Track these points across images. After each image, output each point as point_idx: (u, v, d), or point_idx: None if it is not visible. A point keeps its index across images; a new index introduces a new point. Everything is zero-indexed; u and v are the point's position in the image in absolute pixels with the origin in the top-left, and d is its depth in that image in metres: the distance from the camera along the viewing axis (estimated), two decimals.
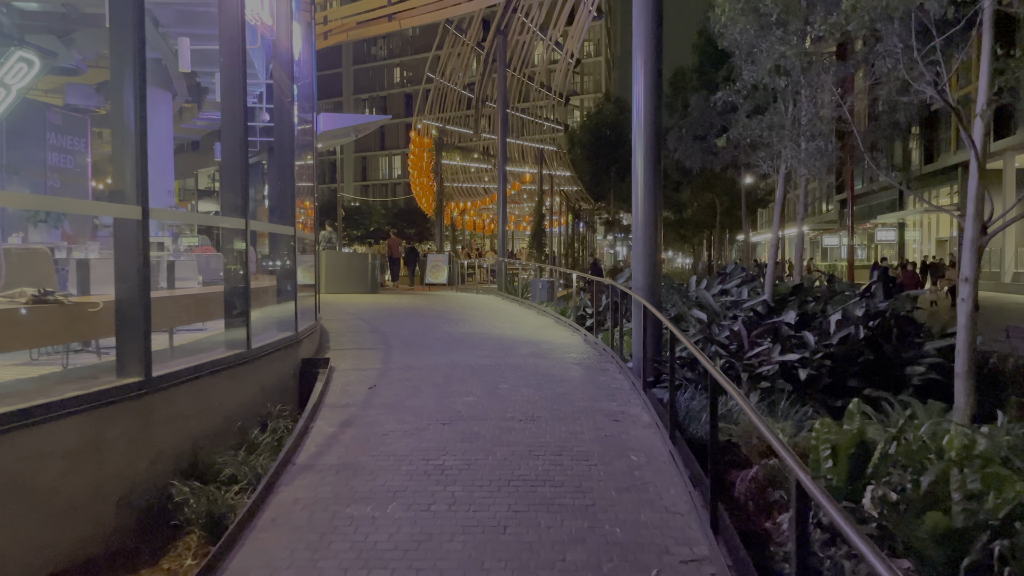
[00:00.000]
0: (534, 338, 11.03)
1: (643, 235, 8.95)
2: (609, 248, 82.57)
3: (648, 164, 8.92)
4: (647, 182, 8.91)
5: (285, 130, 8.00)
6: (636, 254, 9.06)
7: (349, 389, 7.34)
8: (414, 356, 9.21)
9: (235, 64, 6.46)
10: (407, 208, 64.65)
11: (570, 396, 7.08)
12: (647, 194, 8.92)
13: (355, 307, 15.28)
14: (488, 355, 9.32)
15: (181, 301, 6.73)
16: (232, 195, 6.47)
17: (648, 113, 8.89)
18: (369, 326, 12.27)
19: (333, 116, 14.07)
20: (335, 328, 11.88)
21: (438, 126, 30.33)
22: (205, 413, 5.68)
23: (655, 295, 9.00)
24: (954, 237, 40.03)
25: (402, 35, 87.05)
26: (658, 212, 9.00)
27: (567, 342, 10.73)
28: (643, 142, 8.92)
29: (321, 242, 20.11)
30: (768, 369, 8.26)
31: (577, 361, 9.06)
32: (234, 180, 6.45)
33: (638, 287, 8.96)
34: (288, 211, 8.03)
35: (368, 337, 10.97)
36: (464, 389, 7.29)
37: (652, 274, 8.96)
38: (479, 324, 12.67)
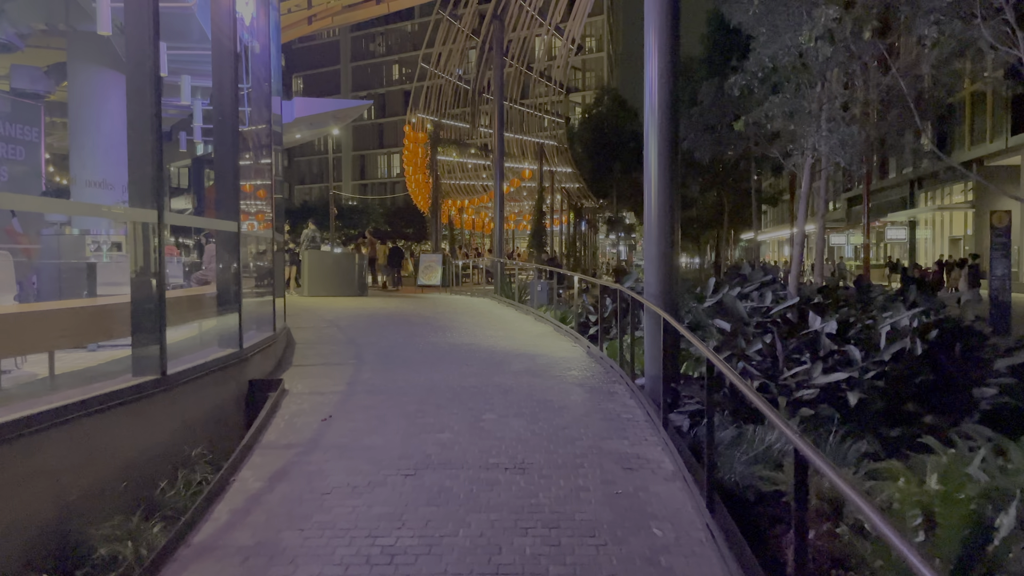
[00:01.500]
0: (530, 350, 9.64)
1: (657, 233, 7.55)
2: (612, 247, 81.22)
3: (663, 152, 7.54)
4: (662, 173, 7.53)
5: (226, 107, 6.62)
6: (649, 255, 7.67)
7: (297, 421, 5.94)
8: (388, 374, 7.81)
9: (142, 20, 5.07)
10: (405, 207, 63.29)
11: (571, 431, 5.68)
12: (662, 187, 7.53)
13: (335, 312, 13.89)
14: (475, 373, 7.92)
15: (57, 317, 5.33)
16: (140, 179, 5.07)
17: (663, 94, 7.51)
18: (345, 335, 10.88)
19: (309, 101, 12.70)
20: (305, 339, 10.49)
21: (433, 120, 28.93)
22: (86, 466, 4.28)
23: (672, 303, 7.60)
24: (969, 236, 38.64)
25: (401, 31, 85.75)
26: (675, 207, 7.61)
27: (567, 355, 9.33)
28: (657, 127, 7.54)
29: (303, 241, 18.73)
30: (809, 393, 6.86)
31: (579, 380, 7.66)
32: (142, 159, 5.05)
33: (652, 294, 7.56)
34: (229, 204, 6.65)
35: (340, 349, 9.58)
36: (440, 422, 5.89)
37: (668, 278, 7.56)
38: (469, 333, 11.28)
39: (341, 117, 13.48)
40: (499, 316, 13.95)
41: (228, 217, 6.76)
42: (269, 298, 8.69)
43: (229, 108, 6.63)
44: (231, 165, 6.72)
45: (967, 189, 38.61)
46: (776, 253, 73.35)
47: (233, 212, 6.75)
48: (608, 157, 37.99)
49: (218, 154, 6.70)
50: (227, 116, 6.63)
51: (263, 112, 8.41)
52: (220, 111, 6.65)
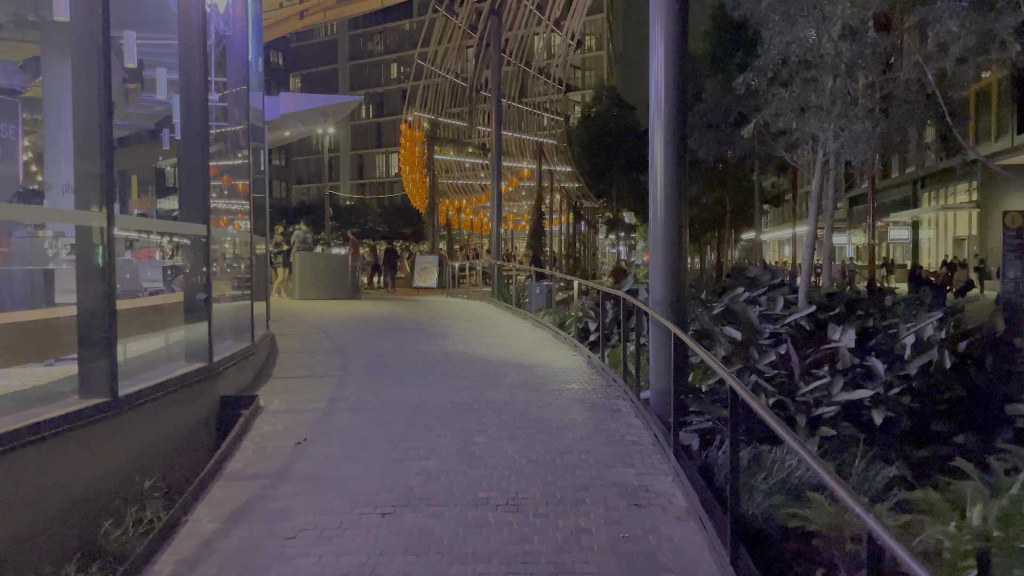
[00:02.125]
0: (527, 359, 9.08)
1: (664, 236, 6.99)
2: (611, 247, 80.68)
3: (670, 150, 7.00)
4: (668, 173, 6.97)
5: (194, 100, 6.06)
6: (655, 260, 7.11)
7: (268, 446, 5.37)
8: (373, 388, 7.25)
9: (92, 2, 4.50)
10: (404, 207, 62.71)
11: (571, 457, 5.12)
12: (669, 187, 6.98)
13: (324, 317, 13.33)
14: (468, 386, 7.36)
15: None
16: (86, 177, 4.51)
17: (670, 88, 6.97)
18: (332, 343, 10.31)
19: (297, 96, 12.15)
20: (290, 347, 9.93)
21: (430, 118, 28.36)
22: (16, 506, 3.72)
23: (681, 313, 7.04)
24: (974, 236, 38.10)
25: (399, 29, 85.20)
26: (683, 208, 7.05)
27: (567, 365, 8.77)
28: (663, 123, 7.00)
29: (295, 242, 18.16)
30: (830, 411, 6.29)
31: (580, 395, 7.09)
32: (88, 155, 4.49)
33: (658, 302, 7.00)
34: (197, 204, 6.08)
35: (325, 359, 9.02)
36: (426, 446, 5.33)
37: (675, 285, 7.01)
38: (464, 340, 10.71)
39: (332, 113, 12.92)
40: (496, 321, 13.39)
41: (195, 219, 6.19)
42: (248, 304, 8.12)
43: (197, 101, 6.06)
44: (199, 163, 6.16)
45: (971, 189, 38.06)
46: (776, 253, 72.80)
47: (200, 213, 6.18)
48: (608, 156, 37.40)
49: (184, 151, 6.14)
50: (195, 109, 6.06)
51: (241, 107, 7.84)
52: (187, 104, 6.09)
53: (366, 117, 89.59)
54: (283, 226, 19.23)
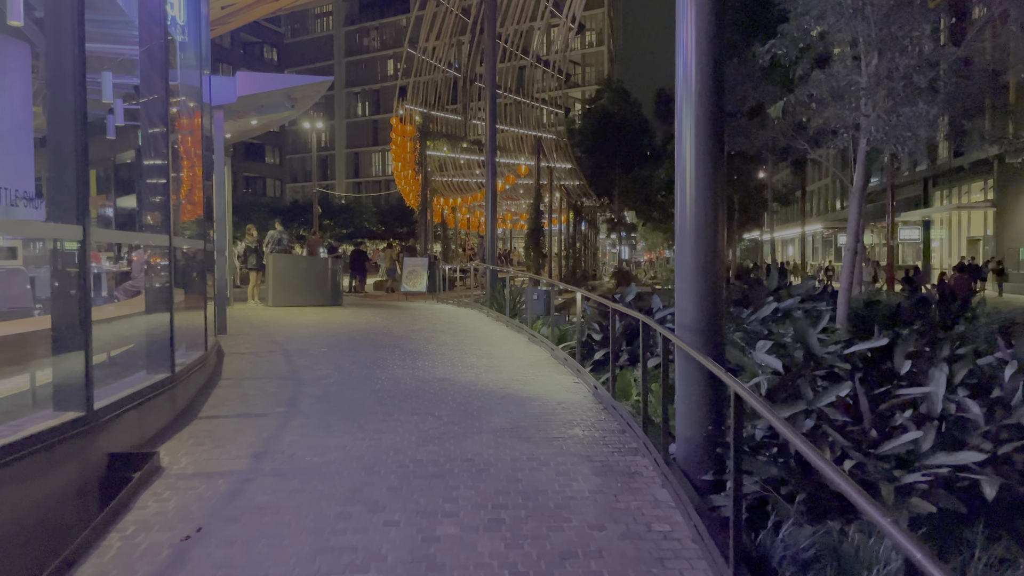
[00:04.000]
0: (520, 389, 7.46)
1: (694, 245, 5.38)
2: (612, 247, 79.17)
3: (703, 142, 5.42)
4: (701, 169, 5.39)
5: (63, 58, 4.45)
6: (683, 273, 5.49)
7: (142, 543, 3.75)
8: (319, 436, 5.63)
9: None
10: (399, 205, 61.05)
11: (575, 568, 3.50)
12: (701, 186, 5.38)
13: (291, 330, 11.71)
14: (441, 432, 5.75)
15: None
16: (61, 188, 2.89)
17: (702, 66, 5.37)
18: (289, 365, 8.70)
19: (255, 76, 10.51)
20: (237, 370, 8.33)
21: (423, 112, 26.74)
22: None
23: (717, 342, 5.42)
24: (988, 236, 36.57)
25: (395, 25, 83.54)
26: (719, 212, 5.44)
27: (568, 398, 7.15)
28: (694, 110, 5.42)
29: (268, 244, 16.54)
30: (923, 479, 4.67)
31: (586, 447, 5.48)
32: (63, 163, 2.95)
33: (687, 326, 5.38)
34: (67, 198, 4.46)
35: (274, 388, 7.40)
36: (367, 542, 3.71)
37: (710, 305, 5.38)
38: (446, 360, 9.10)
39: (299, 97, 11.34)
40: (486, 335, 11.77)
41: (64, 217, 4.56)
42: (171, 322, 6.49)
43: (68, 61, 4.44)
44: (71, 147, 4.52)
45: (987, 188, 36.51)
46: (781, 253, 71.20)
47: (72, 211, 4.55)
48: (610, 153, 35.73)
49: (51, 131, 4.51)
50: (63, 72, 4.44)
51: (156, 84, 6.20)
52: (53, 64, 4.46)
53: (362, 114, 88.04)
54: (277, 225, 17.57)
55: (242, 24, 18.40)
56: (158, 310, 6.26)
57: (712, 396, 5.31)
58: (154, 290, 6.26)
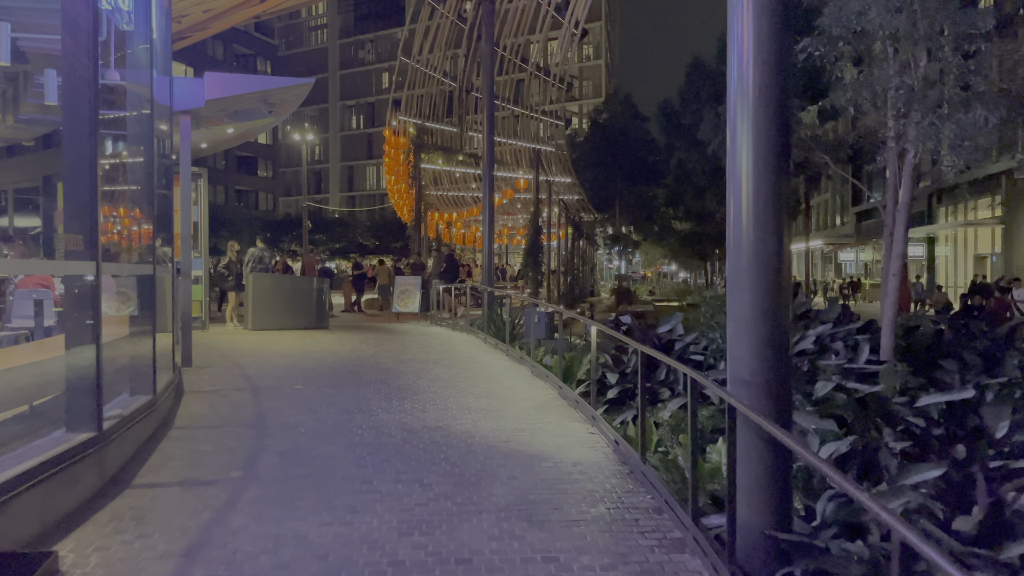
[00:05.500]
0: (525, 444, 6.28)
1: (753, 276, 4.21)
2: (608, 262, 78.14)
3: (762, 142, 4.24)
4: (763, 175, 4.23)
5: None
6: (738, 312, 4.32)
7: None
8: (275, 517, 4.45)
9: None
10: (393, 220, 59.99)
11: None
12: (762, 200, 4.21)
13: (267, 360, 10.51)
14: (431, 512, 4.56)
15: None
16: None
17: (763, 60, 4.17)
18: (256, 408, 7.50)
19: (226, 78, 9.38)
20: (195, 414, 7.14)
21: (416, 123, 25.66)
22: None
23: (783, 398, 4.25)
24: (997, 253, 35.63)
25: (391, 38, 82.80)
26: (782, 230, 4.29)
27: (585, 457, 5.96)
28: (752, 113, 4.25)
29: (249, 262, 15.36)
30: None
31: (615, 542, 4.28)
32: None
33: (745, 380, 4.21)
34: None
35: (232, 441, 6.20)
36: None
37: (774, 352, 4.21)
38: (439, 402, 7.91)
39: (277, 101, 10.21)
40: (484, 367, 10.59)
41: None
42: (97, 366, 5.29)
43: None
44: None
45: (995, 204, 35.60)
46: None
47: None
48: (614, 167, 34.62)
49: None
50: None
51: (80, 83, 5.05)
52: None
53: (356, 127, 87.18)
54: (259, 242, 16.36)
55: (222, 29, 17.31)
56: (81, 351, 5.06)
57: (778, 468, 4.15)
58: (76, 325, 5.07)
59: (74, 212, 4.95)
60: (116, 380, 6.73)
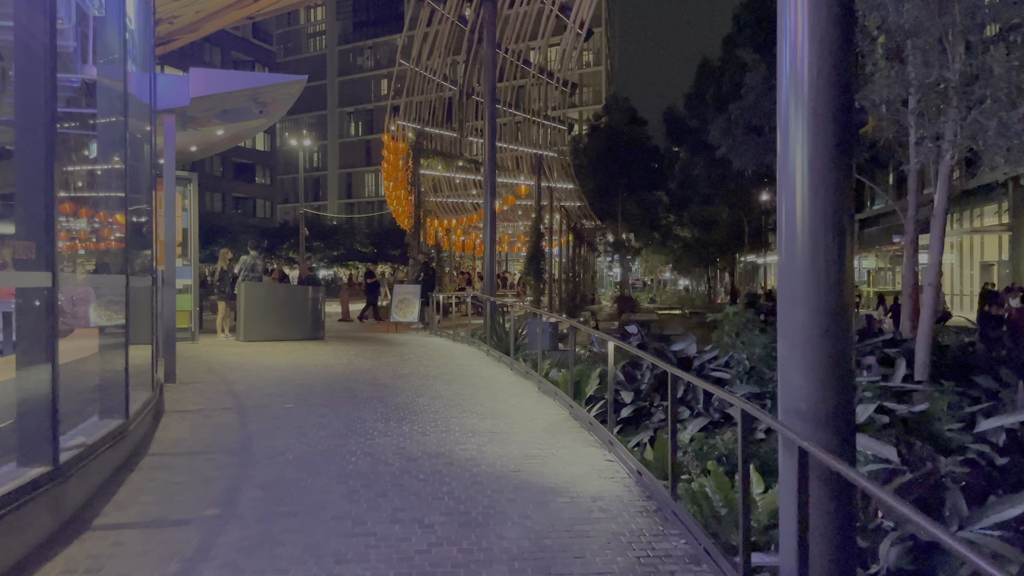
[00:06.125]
0: (537, 474, 5.66)
1: (811, 292, 3.64)
2: (608, 269, 77.59)
3: (823, 141, 3.69)
4: (822, 180, 3.72)
5: None
6: (792, 331, 3.72)
7: None
8: (255, 565, 3.83)
9: None
10: (392, 227, 59.43)
11: None
12: (824, 203, 3.67)
13: (257, 375, 9.90)
14: (434, 563, 3.95)
15: None
16: None
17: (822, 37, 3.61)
18: (241, 431, 6.88)
19: (213, 74, 8.80)
20: (173, 439, 6.53)
21: (415, 128, 25.10)
22: None
23: (846, 433, 3.65)
24: (1003, 261, 35.10)
25: (390, 44, 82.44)
26: (846, 235, 3.70)
27: (604, 491, 5.34)
28: (811, 98, 3.71)
29: (241, 271, 14.76)
30: None
31: None
32: None
33: (801, 412, 3.61)
34: None
35: (212, 471, 5.58)
36: None
37: (836, 379, 3.62)
38: (440, 423, 7.30)
39: (268, 100, 9.65)
40: (487, 382, 9.97)
41: None
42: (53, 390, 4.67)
43: None
44: None
45: (1001, 211, 35.10)
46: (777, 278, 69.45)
47: None
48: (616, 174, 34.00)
49: None
50: None
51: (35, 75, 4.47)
52: None
53: (355, 134, 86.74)
54: (250, 249, 15.71)
55: (214, 30, 16.71)
56: (34, 373, 4.45)
57: (844, 515, 3.55)
58: (29, 344, 4.46)
59: (26, 215, 4.35)
60: (86, 401, 6.13)
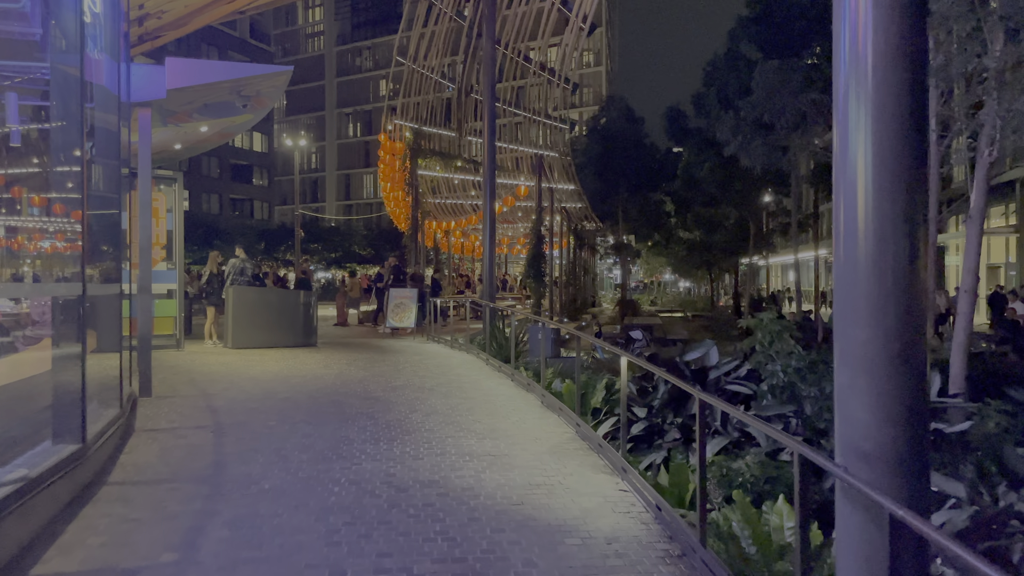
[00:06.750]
0: (543, 508, 5.02)
1: (878, 308, 2.96)
2: (608, 271, 76.98)
3: (890, 134, 3.02)
4: (892, 178, 3.01)
5: None
6: (851, 354, 3.07)
7: None
8: None
9: None
10: (390, 229, 58.82)
11: None
12: (894, 204, 2.99)
13: (241, 386, 9.26)
14: None
15: None
16: None
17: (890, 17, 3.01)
18: (215, 453, 6.25)
19: (192, 64, 8.16)
20: (140, 462, 5.90)
21: (413, 127, 24.49)
22: None
23: (919, 477, 3.01)
24: (1011, 263, 34.52)
25: (388, 45, 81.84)
26: (919, 241, 3.08)
27: (619, 529, 4.70)
28: (876, 81, 3.04)
29: (229, 274, 14.13)
30: None
31: None
32: None
33: (865, 452, 2.96)
34: None
35: (174, 504, 4.94)
36: None
37: (908, 412, 2.97)
38: (435, 444, 6.66)
39: (251, 94, 9.01)
40: (487, 395, 9.33)
41: None
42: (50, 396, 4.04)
43: None
44: None
45: (1008, 212, 34.52)
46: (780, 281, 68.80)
47: None
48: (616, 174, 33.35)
49: None
50: None
51: None
52: None
53: (353, 135, 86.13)
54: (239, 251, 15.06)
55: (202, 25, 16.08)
56: None
57: None
58: None
59: None
60: (36, 425, 5.50)
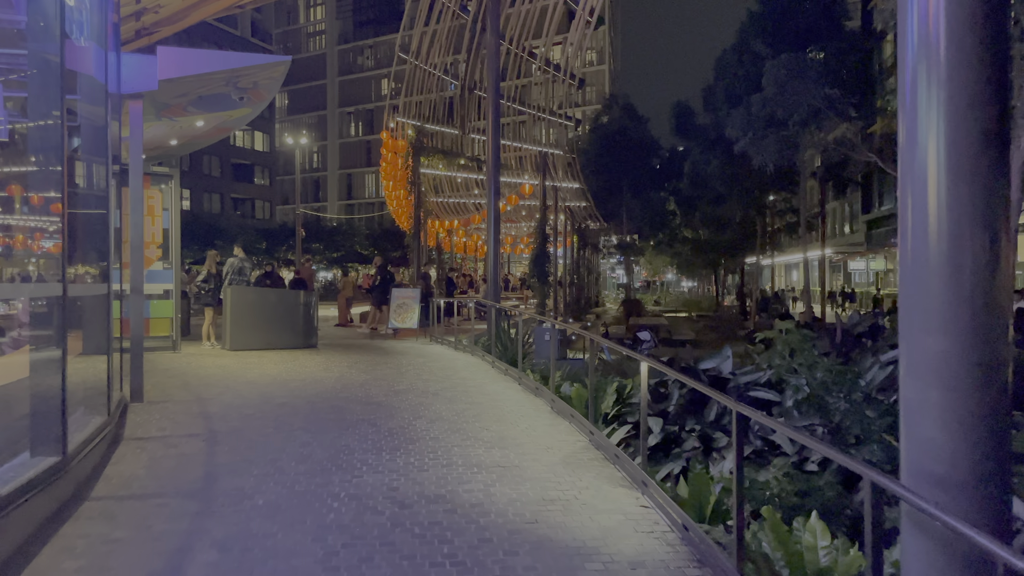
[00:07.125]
0: (558, 527, 4.64)
1: (951, 316, 2.59)
2: (611, 271, 76.63)
3: (966, 126, 2.65)
4: (971, 173, 2.66)
5: None
6: (922, 365, 2.68)
7: None
8: None
9: None
10: (392, 228, 58.46)
11: None
12: (972, 202, 2.64)
13: (237, 391, 8.89)
14: None
15: None
16: None
17: None
18: (207, 464, 5.87)
19: (185, 54, 7.78)
20: (126, 475, 5.53)
21: (415, 124, 24.11)
22: None
23: (1003, 500, 2.63)
24: (1019, 262, 34.00)
25: (390, 43, 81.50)
26: (1001, 243, 2.70)
27: (639, 550, 4.33)
28: (951, 68, 2.67)
29: (228, 274, 13.77)
30: None
31: None
32: None
33: (938, 477, 2.58)
34: None
35: (159, 523, 4.57)
36: None
37: (990, 433, 2.59)
38: (441, 454, 6.29)
39: (248, 85, 8.65)
40: (494, 400, 8.95)
41: None
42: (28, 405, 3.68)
43: None
44: None
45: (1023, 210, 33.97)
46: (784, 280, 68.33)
47: None
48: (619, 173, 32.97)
49: None
50: None
51: None
52: None
53: (355, 135, 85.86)
54: (238, 251, 14.69)
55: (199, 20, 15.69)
56: None
57: None
58: None
59: None
60: (17, 435, 5.14)
